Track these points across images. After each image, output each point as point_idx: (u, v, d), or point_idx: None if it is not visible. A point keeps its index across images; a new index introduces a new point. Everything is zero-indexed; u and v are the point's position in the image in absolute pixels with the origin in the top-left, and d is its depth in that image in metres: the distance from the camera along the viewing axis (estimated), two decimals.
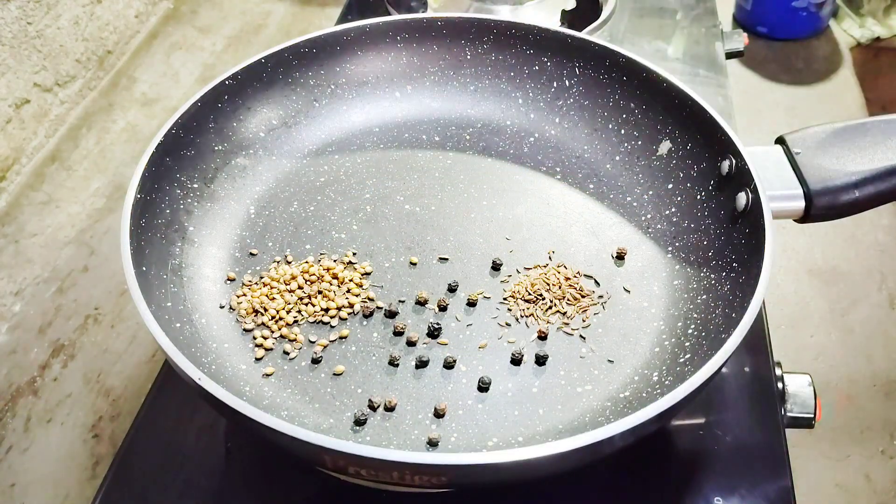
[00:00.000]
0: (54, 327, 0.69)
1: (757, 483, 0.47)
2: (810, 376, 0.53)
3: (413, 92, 0.63)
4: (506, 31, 0.61)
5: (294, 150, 0.60)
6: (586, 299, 0.50)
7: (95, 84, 0.92)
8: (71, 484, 0.59)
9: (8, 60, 0.78)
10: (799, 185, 0.48)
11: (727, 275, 0.47)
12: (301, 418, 0.43)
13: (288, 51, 0.59)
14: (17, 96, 0.80)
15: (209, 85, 0.55)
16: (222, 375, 0.44)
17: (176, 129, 0.52)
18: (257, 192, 0.57)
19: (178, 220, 0.52)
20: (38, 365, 0.67)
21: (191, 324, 0.47)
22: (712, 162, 0.52)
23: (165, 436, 0.50)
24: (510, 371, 0.46)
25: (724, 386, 0.52)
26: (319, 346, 0.47)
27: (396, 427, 0.43)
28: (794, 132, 0.50)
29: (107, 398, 0.65)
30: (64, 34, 0.85)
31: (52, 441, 0.62)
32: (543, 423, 0.43)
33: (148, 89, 0.95)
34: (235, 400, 0.37)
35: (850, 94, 1.00)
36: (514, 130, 0.62)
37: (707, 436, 0.49)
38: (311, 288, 0.50)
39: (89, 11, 0.90)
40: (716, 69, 0.78)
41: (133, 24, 0.99)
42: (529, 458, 0.35)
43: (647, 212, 0.55)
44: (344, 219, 0.55)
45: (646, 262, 0.52)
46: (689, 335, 0.46)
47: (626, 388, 0.45)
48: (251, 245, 0.53)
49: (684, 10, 0.86)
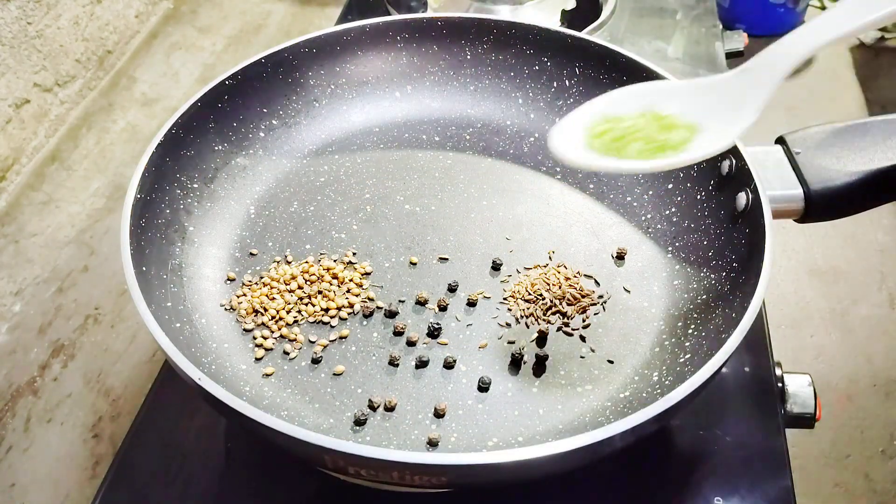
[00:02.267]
0: (54, 327, 0.69)
1: (757, 483, 0.47)
2: (810, 376, 0.53)
3: (413, 92, 0.63)
4: (506, 31, 0.61)
5: (294, 149, 0.60)
6: (586, 299, 0.50)
7: (95, 84, 0.92)
8: (71, 484, 0.59)
9: (8, 60, 0.78)
10: (799, 184, 0.48)
11: (727, 275, 0.47)
12: (301, 418, 0.43)
13: (288, 51, 0.59)
14: (16, 96, 0.79)
15: (209, 85, 0.55)
16: (222, 375, 0.44)
17: (176, 129, 0.52)
18: (257, 191, 0.57)
19: (178, 220, 0.52)
20: (38, 365, 0.67)
21: (191, 324, 0.47)
22: (712, 162, 0.52)
23: (165, 436, 0.50)
24: (510, 371, 0.46)
25: (725, 386, 0.52)
26: (319, 346, 0.47)
27: (396, 427, 0.43)
28: (795, 132, 0.50)
29: (107, 398, 0.65)
30: (64, 34, 0.85)
31: (52, 441, 0.62)
32: (543, 423, 0.43)
33: (148, 89, 0.95)
34: (235, 400, 0.37)
35: (850, 94, 1.00)
36: (515, 130, 0.62)
37: (707, 436, 0.49)
38: (311, 288, 0.50)
39: (89, 11, 0.90)
40: (716, 69, 0.78)
41: (133, 24, 0.99)
42: (529, 458, 0.35)
43: (648, 212, 0.55)
44: (344, 219, 0.55)
45: (646, 262, 0.52)
46: (689, 335, 0.46)
47: (626, 388, 0.45)
48: (251, 245, 0.53)
49: (684, 10, 0.86)
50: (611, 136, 0.39)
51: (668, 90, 0.41)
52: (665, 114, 0.39)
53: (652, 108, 0.40)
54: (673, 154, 0.38)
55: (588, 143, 0.39)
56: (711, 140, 0.39)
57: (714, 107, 0.39)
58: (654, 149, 0.38)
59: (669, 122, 0.39)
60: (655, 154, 0.38)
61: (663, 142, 0.38)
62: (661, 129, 0.39)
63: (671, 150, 0.38)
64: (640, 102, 0.40)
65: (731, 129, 0.39)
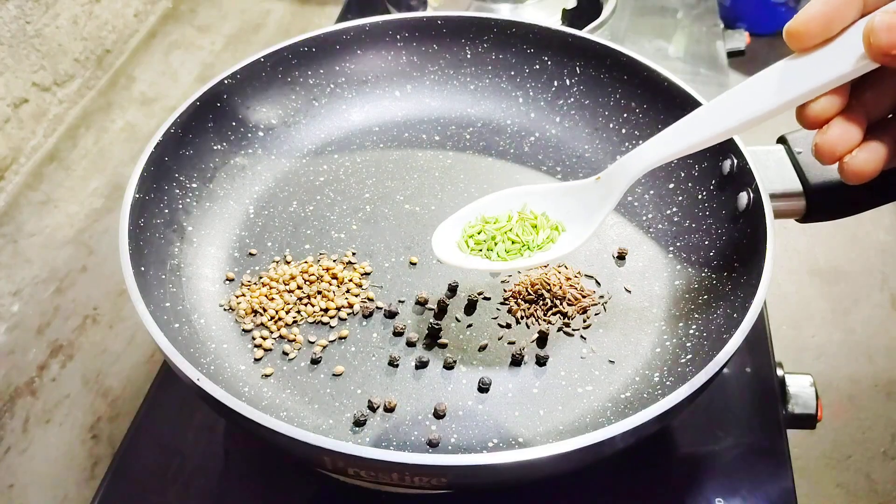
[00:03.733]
0: (53, 327, 0.69)
1: (758, 484, 0.46)
2: (812, 376, 0.53)
3: (413, 91, 0.63)
4: (506, 30, 0.61)
5: (293, 149, 0.59)
6: (587, 299, 0.49)
7: (94, 83, 0.92)
8: (69, 485, 0.59)
9: (6, 60, 0.78)
10: (800, 184, 0.48)
11: (728, 275, 0.47)
12: (300, 419, 0.43)
13: (287, 50, 0.59)
14: (15, 96, 0.79)
15: (208, 84, 0.55)
16: (221, 376, 0.44)
17: (175, 129, 0.52)
18: (256, 191, 0.56)
19: (177, 220, 0.51)
20: (37, 365, 0.66)
21: (189, 324, 0.47)
22: (713, 161, 0.52)
23: (164, 436, 0.49)
24: (510, 372, 0.46)
25: (726, 386, 0.52)
26: (319, 347, 0.47)
27: (396, 428, 0.43)
28: (796, 131, 0.50)
29: (105, 399, 0.64)
30: (62, 33, 0.85)
31: (50, 442, 0.62)
32: (544, 423, 0.43)
33: (147, 88, 0.95)
34: (234, 401, 0.37)
35: None
36: (515, 130, 0.61)
37: (708, 436, 0.49)
38: (310, 288, 0.50)
39: (88, 10, 0.89)
40: (717, 68, 0.78)
41: (132, 24, 0.99)
42: (530, 459, 0.35)
43: (649, 211, 0.55)
44: (343, 218, 0.55)
45: (647, 261, 0.52)
46: (690, 335, 0.46)
47: (627, 389, 0.45)
48: (250, 245, 0.53)
49: (685, 9, 0.86)
50: (483, 237, 0.44)
51: (540, 193, 0.45)
52: (538, 213, 0.45)
53: (524, 208, 0.45)
54: (531, 254, 0.43)
55: (464, 241, 0.44)
56: (570, 240, 0.43)
57: (576, 210, 0.44)
58: (518, 249, 0.44)
59: (539, 223, 0.44)
60: (521, 253, 0.43)
61: (527, 242, 0.43)
62: (526, 231, 0.44)
63: (535, 250, 0.43)
64: (515, 203, 0.45)
65: (583, 232, 0.43)
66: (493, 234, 0.44)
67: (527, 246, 0.43)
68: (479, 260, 0.44)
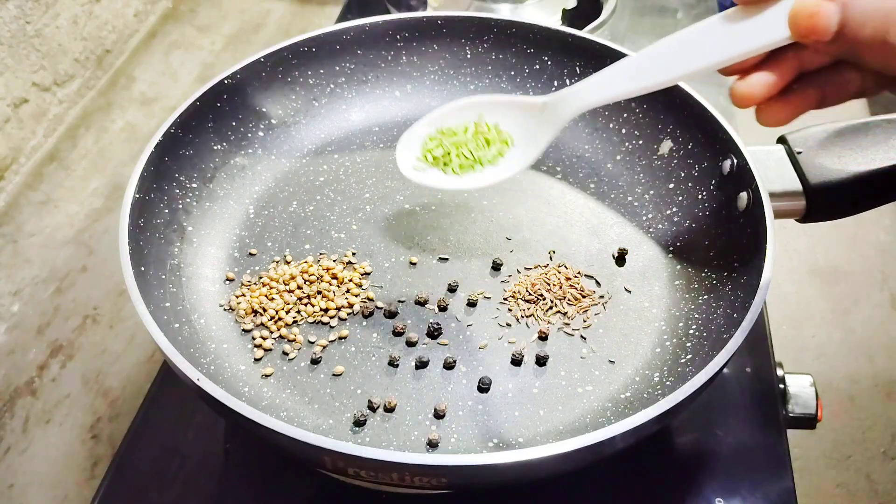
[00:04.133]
0: (53, 327, 0.69)
1: (758, 484, 0.46)
2: (812, 376, 0.53)
3: (413, 91, 0.63)
4: (506, 30, 0.61)
5: (293, 149, 0.59)
6: (587, 299, 0.49)
7: (94, 83, 0.92)
8: (70, 485, 0.59)
9: (6, 60, 0.77)
10: (800, 184, 0.48)
11: (728, 275, 0.47)
12: (300, 419, 0.43)
13: (287, 50, 0.58)
14: (15, 96, 0.79)
15: (208, 84, 0.55)
16: (221, 376, 0.44)
17: (175, 129, 0.52)
18: (256, 191, 0.56)
19: (177, 220, 0.51)
20: (37, 365, 0.66)
21: (189, 324, 0.47)
22: (713, 161, 0.52)
23: (164, 436, 0.49)
24: (510, 372, 0.46)
25: (726, 386, 0.51)
26: (319, 347, 0.47)
27: (396, 428, 0.43)
28: (796, 131, 0.50)
29: (105, 399, 0.64)
30: (62, 33, 0.85)
31: (50, 442, 0.62)
32: (544, 423, 0.43)
33: (147, 88, 0.95)
34: (234, 401, 0.37)
35: None
36: None
37: (708, 436, 0.49)
38: (310, 288, 0.50)
39: (88, 10, 0.89)
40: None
41: (132, 23, 0.99)
42: (530, 459, 0.35)
43: (649, 211, 0.55)
44: (343, 218, 0.55)
45: (647, 261, 0.52)
46: (690, 335, 0.46)
47: (627, 389, 0.45)
48: (250, 245, 0.53)
49: (685, 9, 0.86)
50: (439, 151, 0.44)
51: (493, 102, 0.45)
52: (491, 123, 0.45)
53: (480, 118, 0.45)
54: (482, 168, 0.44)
55: (424, 155, 0.45)
56: (516, 159, 0.43)
57: (524, 127, 0.44)
58: (471, 164, 0.44)
59: (491, 136, 0.44)
60: (472, 168, 0.44)
61: (478, 158, 0.44)
62: (479, 146, 0.44)
63: (486, 165, 0.44)
64: (471, 113, 0.45)
65: (529, 154, 0.43)
66: (448, 149, 0.44)
67: (479, 161, 0.44)
68: (437, 177, 0.44)
